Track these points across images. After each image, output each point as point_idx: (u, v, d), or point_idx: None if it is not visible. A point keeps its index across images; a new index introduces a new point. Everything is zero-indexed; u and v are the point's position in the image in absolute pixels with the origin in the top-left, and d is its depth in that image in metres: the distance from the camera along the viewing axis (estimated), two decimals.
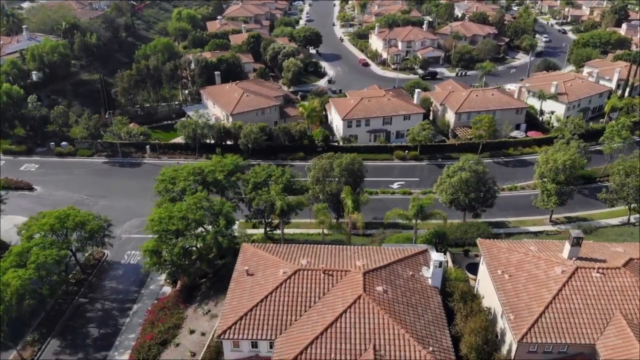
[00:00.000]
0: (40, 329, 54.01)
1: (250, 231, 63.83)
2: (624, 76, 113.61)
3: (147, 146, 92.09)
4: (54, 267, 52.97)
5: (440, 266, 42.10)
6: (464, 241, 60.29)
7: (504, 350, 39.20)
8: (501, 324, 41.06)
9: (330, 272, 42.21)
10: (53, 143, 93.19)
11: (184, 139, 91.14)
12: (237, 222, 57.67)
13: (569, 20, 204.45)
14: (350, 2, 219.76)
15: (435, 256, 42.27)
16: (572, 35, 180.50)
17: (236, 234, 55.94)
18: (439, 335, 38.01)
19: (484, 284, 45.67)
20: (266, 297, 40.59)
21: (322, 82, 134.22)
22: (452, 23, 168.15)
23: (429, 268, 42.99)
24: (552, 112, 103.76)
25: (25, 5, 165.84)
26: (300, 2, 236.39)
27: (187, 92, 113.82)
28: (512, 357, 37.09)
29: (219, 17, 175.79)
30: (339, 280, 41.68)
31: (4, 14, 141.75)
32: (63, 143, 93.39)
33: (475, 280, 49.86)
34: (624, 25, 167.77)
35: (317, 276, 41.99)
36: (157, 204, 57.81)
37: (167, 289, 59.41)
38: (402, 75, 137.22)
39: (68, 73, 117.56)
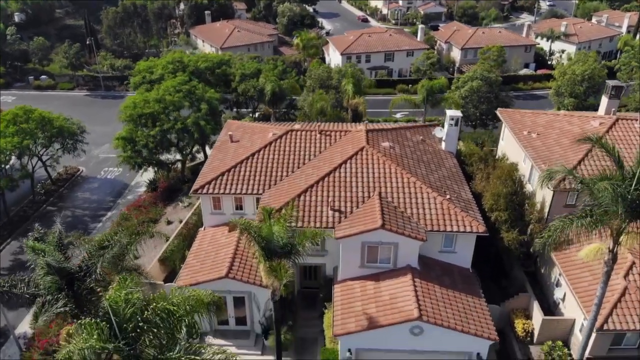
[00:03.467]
0: (0, 232, 47.95)
1: None
2: (634, 22, 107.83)
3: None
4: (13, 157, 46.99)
5: (456, 124, 35.92)
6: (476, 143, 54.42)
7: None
8: (529, 188, 34.96)
9: (328, 132, 36.18)
10: (32, 77, 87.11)
11: None
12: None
13: None
14: None
15: (451, 112, 36.01)
16: (576, 1, 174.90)
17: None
18: (457, 188, 31.92)
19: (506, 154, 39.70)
20: (252, 154, 34.53)
21: None
22: None
23: (443, 128, 36.83)
24: (563, 51, 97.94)
25: None
26: None
27: (176, 35, 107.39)
28: (548, 210, 31.00)
29: None
30: (338, 140, 35.68)
31: None
32: (42, 76, 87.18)
33: None
34: None
35: (312, 136, 35.97)
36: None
37: None
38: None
39: (52, 17, 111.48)
